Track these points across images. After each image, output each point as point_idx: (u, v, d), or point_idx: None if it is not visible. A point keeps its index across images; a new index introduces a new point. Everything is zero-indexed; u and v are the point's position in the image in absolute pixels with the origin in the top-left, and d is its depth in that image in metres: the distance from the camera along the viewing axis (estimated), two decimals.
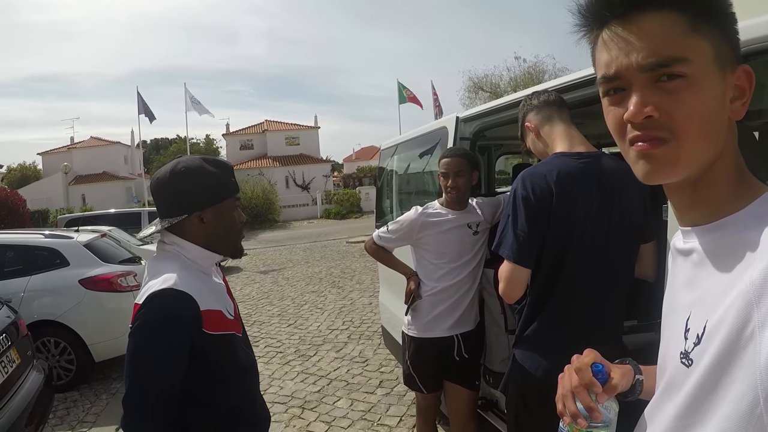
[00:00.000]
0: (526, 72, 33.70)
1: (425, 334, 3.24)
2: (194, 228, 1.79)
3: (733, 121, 0.83)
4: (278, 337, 7.73)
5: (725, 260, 0.77)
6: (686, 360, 0.80)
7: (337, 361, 6.50)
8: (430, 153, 4.32)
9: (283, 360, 6.67)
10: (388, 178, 5.94)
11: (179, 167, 1.77)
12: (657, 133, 0.80)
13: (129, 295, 6.45)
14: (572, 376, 1.10)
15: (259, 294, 11.33)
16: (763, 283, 0.67)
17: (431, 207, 3.26)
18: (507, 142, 5.38)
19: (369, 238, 3.51)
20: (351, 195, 39.30)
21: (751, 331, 0.66)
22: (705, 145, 0.80)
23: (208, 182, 1.77)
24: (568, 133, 2.31)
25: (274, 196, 35.65)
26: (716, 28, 0.79)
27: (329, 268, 14.27)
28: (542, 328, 2.24)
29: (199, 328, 1.63)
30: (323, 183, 43.43)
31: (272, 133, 47.21)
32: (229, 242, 1.89)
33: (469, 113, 3.73)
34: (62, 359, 6.19)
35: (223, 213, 1.82)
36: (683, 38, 0.78)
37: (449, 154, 3.14)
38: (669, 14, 0.79)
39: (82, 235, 7.12)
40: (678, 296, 0.92)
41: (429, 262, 3.25)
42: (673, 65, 0.78)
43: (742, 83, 0.81)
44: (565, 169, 2.15)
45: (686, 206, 0.89)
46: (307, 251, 18.99)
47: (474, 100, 34.56)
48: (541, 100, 2.42)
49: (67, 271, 6.35)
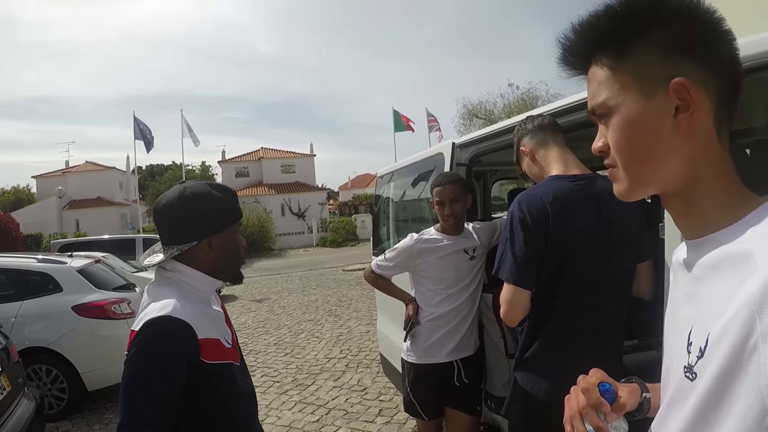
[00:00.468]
0: (519, 98, 34.16)
1: (425, 360, 3.25)
2: (203, 254, 1.76)
3: (700, 136, 0.85)
4: (275, 367, 7.62)
5: (724, 273, 0.78)
6: (690, 374, 0.80)
7: (336, 389, 6.39)
8: (427, 180, 4.33)
9: (281, 389, 6.56)
10: (385, 205, 5.94)
11: (187, 192, 1.75)
12: (610, 162, 0.95)
13: (123, 323, 6.37)
14: (579, 397, 1.11)
15: (255, 323, 11.21)
16: (764, 295, 0.67)
17: (427, 233, 3.28)
18: (502, 167, 5.44)
19: (367, 267, 3.55)
20: (347, 223, 39.31)
21: (755, 343, 0.66)
22: (643, 167, 0.90)
23: (217, 208, 1.77)
24: (563, 156, 2.34)
25: (270, 224, 35.55)
26: (643, 54, 0.87)
27: (325, 297, 14.18)
28: (542, 349, 2.25)
29: (197, 357, 1.60)
30: (319, 211, 43.49)
31: (268, 160, 47.34)
32: (234, 267, 1.89)
33: (465, 139, 3.76)
34: (54, 387, 6.06)
35: (229, 238, 1.81)
36: (605, 83, 0.92)
37: (442, 182, 3.15)
38: (597, 63, 0.93)
39: (76, 260, 7.06)
40: (679, 310, 0.93)
41: (427, 288, 3.26)
42: (597, 109, 0.94)
43: (683, 95, 0.83)
44: (561, 191, 2.18)
45: (681, 220, 0.93)
46: (303, 279, 18.89)
47: (468, 126, 34.97)
48: (536, 124, 2.45)
49: (60, 297, 6.25)
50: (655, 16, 0.86)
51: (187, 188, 1.76)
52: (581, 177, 2.24)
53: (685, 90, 0.83)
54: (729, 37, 0.86)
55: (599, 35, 0.91)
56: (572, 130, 2.57)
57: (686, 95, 0.83)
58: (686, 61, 0.84)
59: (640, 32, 0.87)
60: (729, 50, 0.87)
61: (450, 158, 3.75)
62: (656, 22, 0.86)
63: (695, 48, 0.84)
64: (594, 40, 0.92)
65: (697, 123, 0.84)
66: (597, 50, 0.92)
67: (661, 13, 0.86)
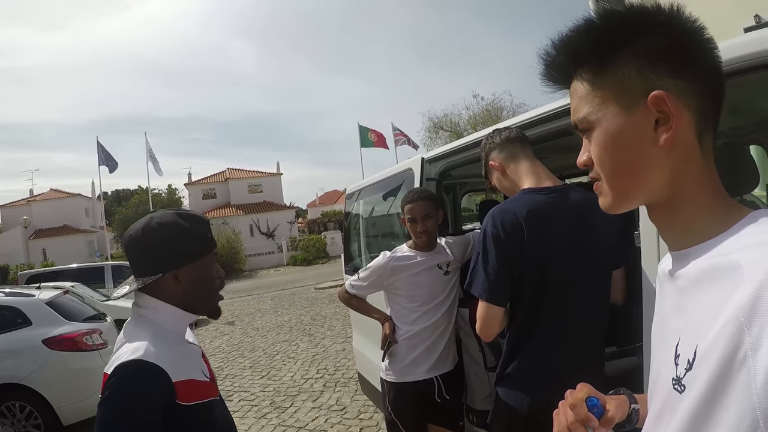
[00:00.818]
0: (484, 109, 34.30)
1: (404, 378, 3.22)
2: (170, 287, 1.69)
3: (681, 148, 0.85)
4: (252, 390, 7.56)
5: (711, 284, 0.78)
6: (678, 386, 0.80)
7: (315, 410, 6.36)
8: (395, 195, 4.34)
9: (259, 413, 6.51)
10: (355, 221, 5.95)
11: (152, 223, 1.67)
12: (594, 175, 0.96)
13: (95, 354, 6.29)
14: (567, 412, 1.11)
15: (229, 346, 11.11)
16: (753, 306, 0.67)
17: (399, 251, 3.27)
18: (471, 180, 5.44)
19: (341, 288, 3.52)
20: (316, 240, 39.15)
21: (744, 355, 0.66)
22: (625, 181, 0.91)
23: (183, 239, 1.68)
24: (534, 169, 2.34)
25: (239, 245, 35.33)
26: (622, 68, 0.87)
27: (299, 316, 14.09)
28: (524, 365, 2.24)
29: (173, 401, 1.54)
30: (288, 230, 43.25)
31: (234, 181, 47.04)
32: (207, 301, 1.80)
33: (434, 153, 3.77)
34: (28, 424, 5.95)
35: (199, 270, 1.72)
36: (585, 98, 0.93)
37: (413, 199, 3.12)
38: (577, 78, 0.95)
39: (44, 292, 6.96)
40: (666, 322, 0.92)
41: (402, 306, 3.24)
42: (578, 125, 0.95)
43: (661, 108, 0.83)
44: (536, 204, 2.18)
45: (666, 231, 0.93)
46: (275, 300, 18.76)
47: (434, 139, 35.03)
48: (503, 137, 2.45)
49: (30, 331, 6.15)
50: (633, 29, 0.86)
51: (153, 218, 1.70)
52: (554, 189, 2.24)
53: (663, 102, 0.83)
54: (710, 46, 0.87)
55: (578, 50, 0.92)
56: (540, 142, 2.58)
57: (665, 108, 0.83)
58: (665, 73, 0.84)
59: (619, 46, 0.87)
60: (710, 59, 0.87)
61: (420, 173, 3.74)
62: (635, 35, 0.86)
63: (673, 60, 0.85)
64: (573, 55, 0.93)
65: (677, 135, 0.84)
66: (577, 65, 0.93)
67: (639, 26, 0.86)
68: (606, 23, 0.89)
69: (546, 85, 1.01)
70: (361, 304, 3.45)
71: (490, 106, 34.26)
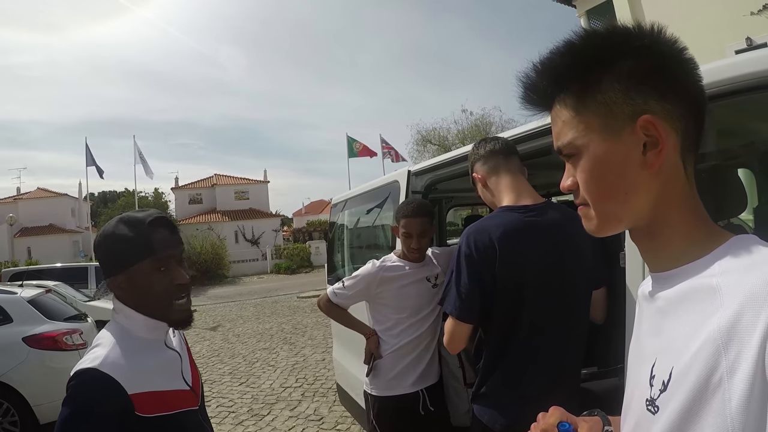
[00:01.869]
0: (473, 124, 34.04)
1: (388, 392, 3.15)
2: (120, 293, 1.67)
3: (666, 171, 0.85)
4: (230, 396, 7.56)
5: (690, 307, 0.78)
6: (652, 407, 0.80)
7: (292, 419, 6.37)
8: (381, 207, 4.33)
9: (236, 420, 6.51)
10: (340, 232, 5.95)
11: (101, 231, 1.70)
12: (580, 200, 0.94)
13: (75, 354, 6.27)
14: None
15: (210, 352, 11.09)
16: (730, 330, 0.67)
17: (389, 260, 3.20)
18: (457, 194, 5.38)
19: (322, 295, 3.36)
20: (301, 249, 39.08)
21: (719, 378, 0.67)
22: (613, 205, 0.89)
23: (115, 247, 1.65)
24: (514, 184, 2.32)
25: (224, 251, 35.15)
26: (607, 92, 0.86)
27: (280, 324, 14.08)
28: (497, 385, 2.25)
29: (131, 413, 1.51)
30: (273, 237, 43.09)
31: (221, 187, 46.84)
32: (158, 309, 1.69)
33: (421, 167, 3.74)
34: (5, 421, 5.92)
35: (137, 278, 1.64)
36: (569, 122, 0.91)
37: (413, 214, 3.02)
38: (560, 102, 0.93)
39: (27, 290, 6.95)
40: (643, 343, 0.92)
41: (387, 317, 3.17)
42: (563, 150, 0.93)
43: (650, 132, 0.83)
44: (511, 224, 2.18)
45: (647, 253, 0.92)
46: (257, 307, 18.70)
47: (422, 152, 34.86)
48: (487, 149, 2.42)
49: (10, 329, 6.14)
50: (615, 52, 0.85)
51: (106, 226, 1.70)
52: (532, 207, 2.22)
53: (653, 127, 0.82)
54: (692, 66, 0.86)
55: (560, 75, 0.90)
56: (528, 158, 2.52)
57: (654, 132, 0.82)
58: (651, 95, 0.83)
59: (602, 70, 0.86)
60: (693, 80, 0.86)
61: (406, 186, 3.72)
62: (618, 56, 0.85)
63: (658, 81, 0.84)
64: (555, 79, 0.91)
65: (665, 158, 0.83)
66: (559, 90, 0.91)
67: (620, 49, 0.85)
68: (587, 45, 0.88)
69: (525, 109, 1.00)
70: (344, 315, 3.35)
71: (479, 121, 34.10)
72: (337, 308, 3.30)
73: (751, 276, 0.71)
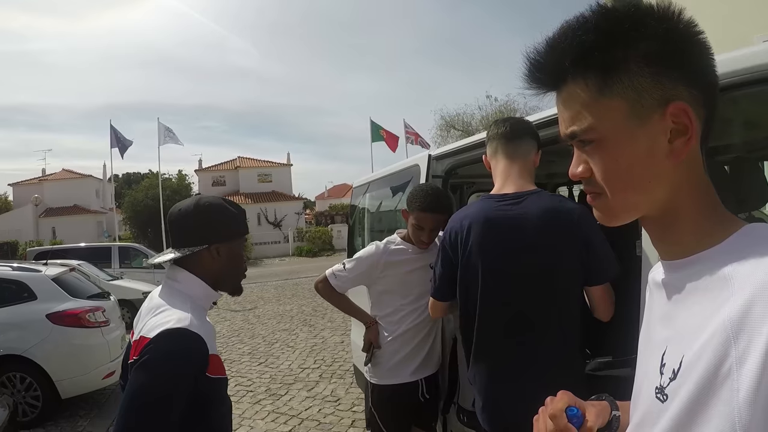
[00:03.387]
0: (497, 110, 33.69)
1: (387, 380, 3.17)
2: (209, 260, 1.84)
3: (687, 160, 0.82)
4: (249, 376, 7.64)
5: (701, 296, 0.77)
6: (661, 395, 0.78)
7: (309, 400, 6.43)
8: (402, 191, 4.28)
9: (254, 399, 6.59)
10: (360, 216, 5.93)
11: (202, 202, 1.87)
12: (592, 188, 0.89)
13: (97, 331, 6.38)
14: (547, 422, 1.09)
15: (230, 332, 11.20)
16: (741, 320, 0.66)
17: (393, 243, 3.16)
18: (479, 180, 5.29)
19: (320, 276, 3.31)
20: (323, 233, 39.28)
21: (729, 368, 0.66)
22: (634, 195, 0.85)
23: (229, 219, 1.89)
24: (506, 170, 2.31)
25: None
26: (635, 75, 0.80)
27: (300, 306, 14.20)
28: (472, 372, 2.38)
29: (204, 373, 1.61)
30: (295, 220, 43.39)
31: (244, 170, 47.20)
32: (236, 278, 1.99)
33: (442, 151, 3.69)
34: (28, 395, 6.04)
35: (234, 250, 1.92)
36: (590, 105, 0.84)
37: (430, 208, 2.91)
38: (578, 82, 0.85)
39: (51, 268, 7.04)
40: (654, 330, 0.91)
41: (388, 303, 3.16)
42: (580, 135, 0.86)
43: (681, 120, 0.79)
44: (481, 212, 2.24)
45: (660, 241, 0.90)
46: (278, 289, 18.86)
47: (446, 138, 34.60)
48: (493, 132, 2.41)
49: (35, 305, 6.24)
50: (644, 32, 0.79)
51: (202, 198, 1.89)
52: (511, 196, 2.21)
53: (685, 114, 0.79)
54: (709, 52, 0.83)
55: (585, 52, 0.82)
56: (548, 144, 2.45)
57: (685, 119, 0.79)
58: (679, 80, 0.80)
59: (630, 50, 0.80)
60: (711, 66, 0.83)
61: (426, 170, 3.67)
62: (645, 40, 0.79)
63: (686, 66, 0.80)
64: (579, 57, 0.83)
65: (691, 147, 0.81)
66: (578, 69, 0.84)
67: (650, 28, 0.79)
68: (615, 23, 0.81)
69: (529, 87, 0.92)
70: (344, 301, 3.34)
71: (504, 107, 33.75)
72: (335, 293, 3.26)
73: (763, 266, 0.70)
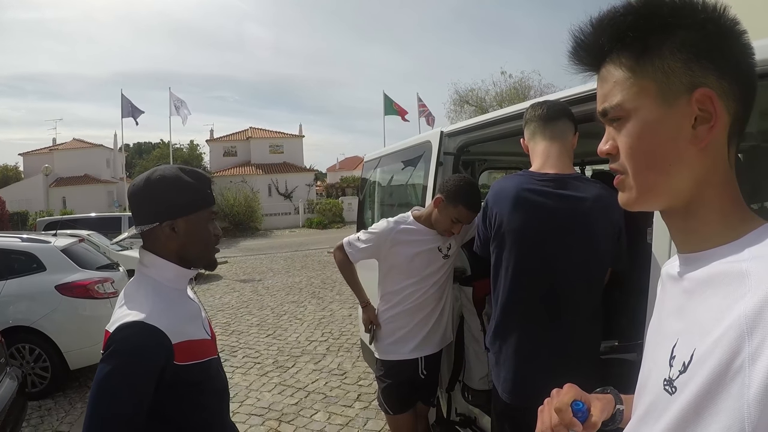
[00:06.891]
0: (512, 87, 33.80)
1: (388, 356, 3.26)
2: (166, 238, 1.73)
3: (712, 152, 0.83)
4: (257, 348, 7.69)
5: (717, 290, 0.77)
6: (670, 387, 0.79)
7: (316, 373, 6.46)
8: (414, 166, 4.29)
9: (261, 371, 6.63)
10: (371, 189, 5.92)
11: (155, 175, 1.73)
12: (617, 167, 0.91)
13: (106, 302, 6.38)
14: (552, 414, 1.11)
15: (239, 303, 11.26)
16: (756, 317, 0.66)
17: (404, 221, 3.20)
18: (491, 157, 5.34)
19: (338, 244, 3.42)
20: (334, 205, 39.33)
21: (741, 364, 0.66)
22: (654, 175, 0.86)
23: (182, 192, 1.73)
24: (546, 152, 2.31)
25: (257, 204, 35.47)
26: (667, 58, 0.83)
27: (310, 278, 14.25)
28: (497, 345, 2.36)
29: (171, 362, 1.57)
30: (306, 192, 43.41)
31: (256, 140, 47.12)
32: (202, 254, 1.83)
33: (454, 128, 3.68)
34: (37, 366, 6.09)
35: (196, 224, 1.77)
36: (621, 84, 0.88)
37: (475, 209, 2.96)
38: (614, 61, 0.89)
39: (60, 239, 7.04)
40: (665, 322, 0.91)
41: (393, 281, 3.22)
42: (610, 113, 0.90)
43: (706, 106, 0.81)
44: (523, 186, 2.22)
45: (679, 233, 0.91)
46: (287, 260, 18.94)
47: (459, 113, 34.66)
48: (530, 114, 2.41)
49: (44, 277, 6.26)
50: (682, 20, 0.82)
51: (156, 171, 1.76)
52: (551, 176, 2.21)
53: (710, 101, 0.80)
54: (749, 51, 0.84)
55: (622, 34, 0.86)
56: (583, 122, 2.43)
57: (710, 106, 0.80)
58: (710, 70, 0.81)
59: (666, 35, 0.83)
60: (750, 64, 0.84)
61: (438, 147, 3.67)
62: (682, 26, 0.82)
63: (719, 58, 0.81)
64: (615, 38, 0.87)
65: (714, 136, 0.82)
66: (616, 49, 0.88)
67: (688, 17, 0.82)
68: (654, 9, 0.84)
69: (573, 65, 0.96)
70: (352, 274, 3.41)
71: (518, 84, 33.80)
72: (347, 261, 3.36)
73: None
